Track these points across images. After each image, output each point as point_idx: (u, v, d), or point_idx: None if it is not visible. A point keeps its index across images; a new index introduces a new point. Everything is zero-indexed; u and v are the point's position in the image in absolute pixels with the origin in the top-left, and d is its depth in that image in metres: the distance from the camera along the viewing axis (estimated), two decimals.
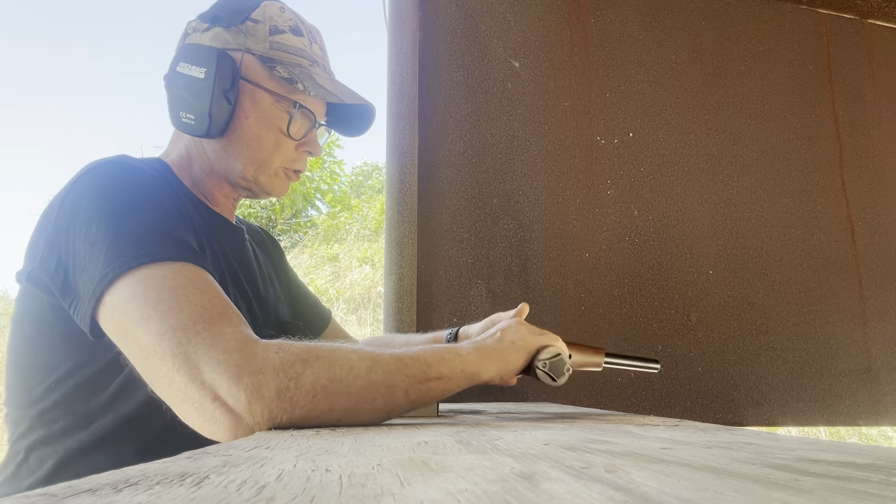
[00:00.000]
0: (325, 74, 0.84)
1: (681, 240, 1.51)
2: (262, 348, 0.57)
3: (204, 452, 0.35)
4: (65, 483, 0.24)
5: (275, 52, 0.81)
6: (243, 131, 0.81)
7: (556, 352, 0.69)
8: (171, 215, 0.67)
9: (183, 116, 0.80)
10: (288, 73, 0.80)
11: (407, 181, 1.32)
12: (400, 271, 1.29)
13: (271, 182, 0.85)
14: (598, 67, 1.54)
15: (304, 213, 9.40)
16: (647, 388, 1.41)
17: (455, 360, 0.65)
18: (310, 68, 0.83)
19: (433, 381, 0.63)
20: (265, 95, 0.81)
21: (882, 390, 1.58)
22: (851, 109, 1.74)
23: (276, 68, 0.80)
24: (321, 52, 0.87)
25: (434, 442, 0.40)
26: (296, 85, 0.79)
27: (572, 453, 0.33)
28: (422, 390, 0.62)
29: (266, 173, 0.84)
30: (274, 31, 0.81)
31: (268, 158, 0.83)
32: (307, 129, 0.85)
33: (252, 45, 0.80)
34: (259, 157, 0.82)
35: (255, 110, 0.81)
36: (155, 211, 0.66)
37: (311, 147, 0.86)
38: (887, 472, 0.25)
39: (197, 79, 0.78)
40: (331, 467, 0.29)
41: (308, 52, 0.84)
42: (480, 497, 0.21)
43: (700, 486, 0.22)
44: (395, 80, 1.37)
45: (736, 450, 0.33)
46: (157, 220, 0.65)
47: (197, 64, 0.79)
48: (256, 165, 0.83)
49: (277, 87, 0.81)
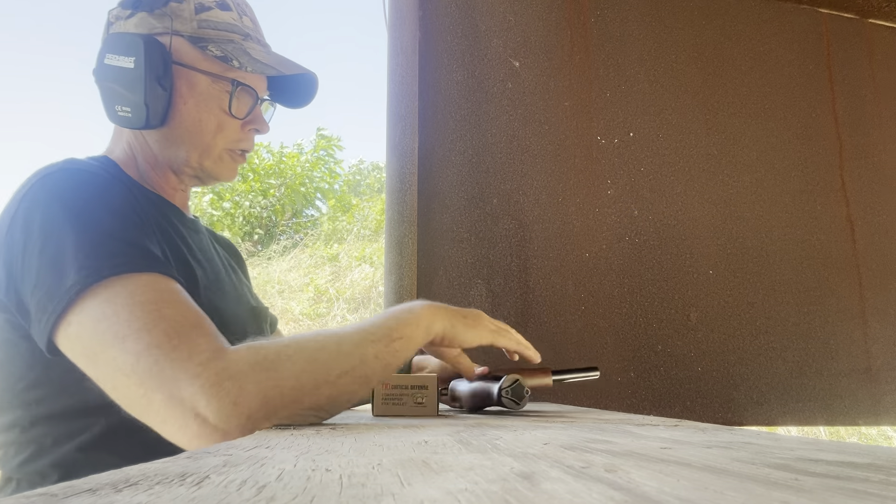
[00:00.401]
0: (259, 48, 0.81)
1: (681, 240, 1.51)
2: (235, 353, 0.57)
3: (204, 452, 0.35)
4: (65, 483, 0.24)
5: (204, 30, 0.77)
6: (183, 117, 0.78)
7: (514, 378, 0.76)
8: (130, 221, 0.65)
9: (119, 110, 0.77)
10: (221, 52, 0.77)
11: (407, 181, 1.32)
12: (400, 271, 1.29)
13: (217, 166, 0.82)
14: (598, 67, 1.54)
15: (305, 212, 9.40)
16: (647, 388, 1.41)
17: (412, 319, 0.68)
18: (243, 43, 0.79)
19: (397, 342, 0.65)
20: (201, 77, 0.77)
21: (882, 390, 1.58)
22: (851, 109, 1.74)
23: (208, 47, 0.77)
24: (252, 25, 0.83)
25: (434, 442, 0.40)
26: (231, 62, 0.76)
27: (572, 453, 0.33)
28: (389, 352, 0.64)
29: (210, 157, 0.81)
30: (200, 9, 0.77)
31: (211, 142, 0.79)
32: (249, 107, 0.81)
33: (179, 27, 0.77)
34: (202, 141, 0.79)
35: (193, 94, 0.77)
36: (112, 219, 0.64)
37: (257, 124, 0.83)
38: (887, 472, 0.25)
39: (127, 69, 0.75)
40: (331, 467, 0.29)
41: (239, 26, 0.80)
42: (480, 497, 0.21)
43: (700, 486, 0.22)
44: (395, 80, 1.37)
45: (736, 449, 0.33)
46: (115, 229, 0.63)
47: (124, 54, 0.75)
48: (200, 151, 0.80)
49: (212, 67, 0.78)
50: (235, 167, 0.85)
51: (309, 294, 6.29)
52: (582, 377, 0.95)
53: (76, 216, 0.62)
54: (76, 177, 0.67)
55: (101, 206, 0.65)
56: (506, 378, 0.75)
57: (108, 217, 0.64)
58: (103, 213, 0.64)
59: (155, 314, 0.58)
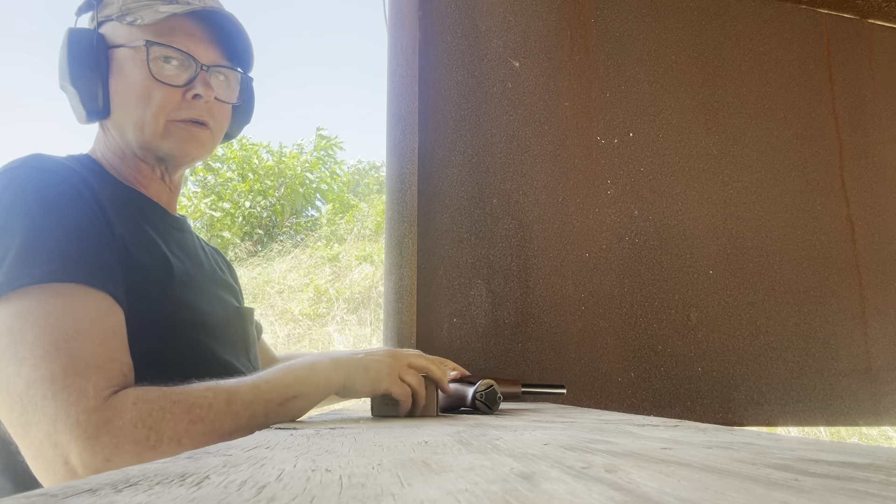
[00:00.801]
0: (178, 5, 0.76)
1: (681, 240, 1.51)
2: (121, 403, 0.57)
3: (204, 452, 0.35)
4: (65, 483, 0.24)
5: (127, 5, 0.77)
6: (119, 97, 0.77)
7: (489, 384, 0.77)
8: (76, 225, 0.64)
9: (75, 109, 0.78)
10: (132, 17, 0.75)
11: (407, 181, 1.32)
12: (400, 271, 1.29)
13: (167, 141, 0.77)
14: (598, 67, 1.54)
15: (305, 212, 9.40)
16: (647, 388, 1.41)
17: (310, 376, 0.66)
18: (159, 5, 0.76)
19: (292, 400, 0.64)
20: (122, 51, 0.76)
21: (882, 390, 1.58)
22: (851, 109, 1.74)
23: (125, 18, 0.76)
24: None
25: (434, 442, 0.40)
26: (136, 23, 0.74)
27: (572, 453, 0.33)
28: (282, 412, 0.63)
29: (155, 133, 0.77)
30: None
31: (146, 115, 0.75)
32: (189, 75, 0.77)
33: (108, 12, 0.77)
34: (139, 116, 0.76)
35: (121, 71, 0.76)
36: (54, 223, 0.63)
37: (198, 89, 0.77)
38: (887, 472, 0.25)
39: (63, 66, 0.76)
40: (331, 467, 0.29)
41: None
42: (480, 497, 0.21)
43: (700, 486, 0.22)
44: (395, 80, 1.37)
45: (736, 450, 0.33)
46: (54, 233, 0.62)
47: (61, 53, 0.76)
48: (141, 127, 0.76)
49: (129, 37, 0.76)
50: (192, 137, 0.79)
51: (309, 294, 6.29)
52: (548, 392, 1.00)
53: (20, 216, 0.62)
54: (31, 175, 0.66)
55: (47, 209, 0.63)
56: (481, 382, 0.77)
57: (50, 220, 0.63)
58: (46, 216, 0.63)
59: (61, 344, 0.57)
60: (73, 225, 0.64)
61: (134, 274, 0.69)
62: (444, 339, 1.30)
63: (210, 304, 0.79)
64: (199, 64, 0.78)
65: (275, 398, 0.63)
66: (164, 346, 0.71)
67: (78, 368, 0.57)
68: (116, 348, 0.62)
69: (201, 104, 0.78)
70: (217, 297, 0.84)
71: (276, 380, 0.64)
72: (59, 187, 0.66)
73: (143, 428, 0.56)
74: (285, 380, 0.65)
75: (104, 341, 0.60)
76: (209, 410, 0.59)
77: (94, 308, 0.61)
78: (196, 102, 0.78)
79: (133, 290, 0.68)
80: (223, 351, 0.78)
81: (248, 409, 0.61)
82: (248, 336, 0.89)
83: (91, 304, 0.61)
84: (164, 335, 0.71)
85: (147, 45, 0.74)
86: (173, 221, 0.85)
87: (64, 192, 0.66)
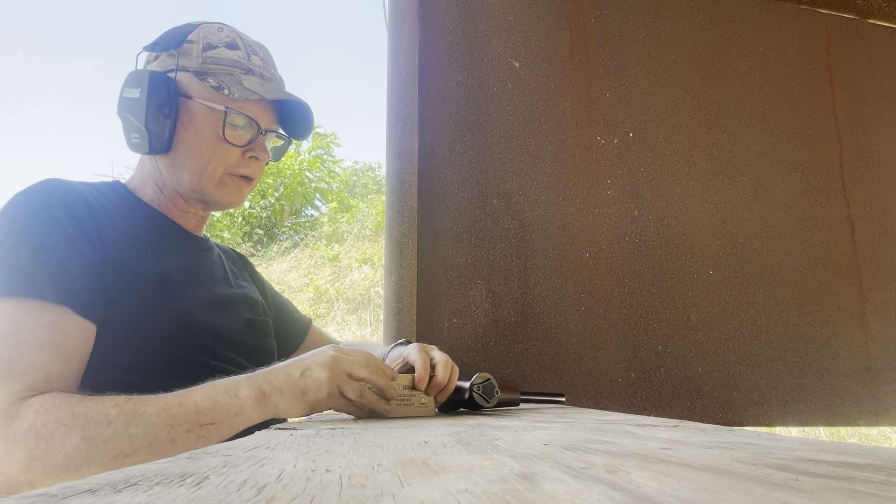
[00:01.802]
0: (258, 80, 0.87)
1: (681, 240, 1.51)
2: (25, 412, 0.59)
3: (204, 453, 0.35)
4: (65, 483, 0.24)
5: (207, 65, 0.85)
6: (184, 143, 0.84)
7: (486, 377, 0.77)
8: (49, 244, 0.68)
9: (132, 137, 0.84)
10: (216, 82, 0.84)
11: (407, 181, 1.32)
12: (400, 271, 1.29)
13: (219, 190, 0.87)
14: (598, 67, 1.54)
15: (304, 212, 9.40)
16: (647, 388, 1.41)
17: (230, 403, 0.64)
18: (242, 77, 0.86)
19: (204, 427, 0.62)
20: (199, 106, 0.84)
21: (882, 390, 1.58)
22: (851, 109, 1.74)
23: (207, 79, 0.84)
24: (262, 63, 0.90)
25: (434, 442, 0.40)
26: (222, 91, 0.83)
27: (572, 453, 0.33)
28: (191, 438, 0.61)
29: (211, 182, 0.86)
30: (207, 48, 0.86)
31: (208, 166, 0.85)
32: (250, 136, 0.87)
33: (186, 63, 0.85)
34: (201, 165, 0.85)
35: (192, 122, 0.84)
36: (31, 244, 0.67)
37: (256, 152, 0.88)
38: (887, 472, 0.25)
39: (135, 99, 0.83)
40: (331, 467, 0.29)
41: (243, 62, 0.87)
42: (480, 497, 0.21)
43: (700, 487, 0.22)
44: (395, 80, 1.37)
45: (736, 450, 0.33)
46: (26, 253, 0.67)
47: (134, 86, 0.83)
48: (200, 174, 0.85)
49: (209, 97, 0.84)
50: (239, 192, 0.89)
51: (309, 294, 6.29)
52: (547, 400, 1.01)
53: (6, 236, 0.68)
54: (29, 199, 0.72)
55: (25, 234, 0.69)
56: (478, 375, 0.77)
57: (24, 244, 0.68)
58: (22, 240, 0.68)
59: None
60: (43, 242, 0.69)
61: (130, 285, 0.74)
62: (444, 339, 1.30)
63: (211, 317, 0.83)
64: (260, 129, 0.87)
65: (182, 423, 0.61)
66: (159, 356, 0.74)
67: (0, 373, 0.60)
68: (49, 358, 0.64)
69: (254, 163, 0.89)
70: (224, 310, 0.88)
71: (190, 403, 0.62)
72: (45, 209, 0.71)
73: (35, 438, 0.58)
74: (201, 405, 0.62)
75: (37, 350, 0.63)
76: (106, 428, 0.59)
77: (37, 318, 0.64)
78: (251, 162, 0.88)
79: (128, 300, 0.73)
80: (223, 363, 0.81)
81: (150, 433, 0.60)
82: (261, 347, 0.92)
83: (36, 315, 0.64)
84: (159, 345, 0.75)
85: (226, 112, 0.84)
86: (193, 242, 0.91)
87: (48, 213, 0.71)
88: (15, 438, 0.58)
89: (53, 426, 0.58)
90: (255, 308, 0.97)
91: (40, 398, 0.60)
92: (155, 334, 0.74)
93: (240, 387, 0.65)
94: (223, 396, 0.64)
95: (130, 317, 0.73)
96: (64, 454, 0.58)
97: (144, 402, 0.62)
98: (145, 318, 0.74)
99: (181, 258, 0.86)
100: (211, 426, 0.62)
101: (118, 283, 0.73)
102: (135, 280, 0.75)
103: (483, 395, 0.76)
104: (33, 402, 0.60)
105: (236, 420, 0.64)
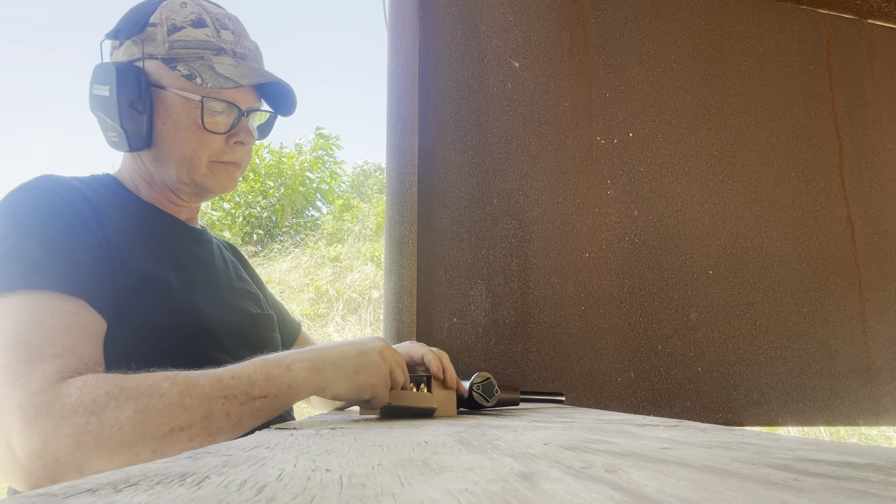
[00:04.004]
0: (231, 60, 0.82)
1: (681, 240, 1.51)
2: (68, 388, 0.56)
3: (204, 452, 0.35)
4: (65, 483, 0.24)
5: (175, 50, 0.80)
6: (164, 137, 0.81)
7: (485, 376, 0.76)
8: (60, 240, 0.66)
9: (110, 136, 0.81)
10: (188, 70, 0.79)
11: (407, 181, 1.32)
12: (400, 271, 1.29)
13: (209, 179, 0.84)
14: (599, 67, 1.54)
15: (305, 213, 9.40)
16: (647, 388, 1.41)
17: (283, 375, 0.63)
18: (213, 58, 0.80)
19: (258, 400, 0.60)
20: (173, 96, 0.80)
21: (882, 390, 1.58)
22: (851, 109, 1.74)
23: (177, 67, 0.79)
24: (233, 37, 0.84)
25: (434, 442, 0.40)
26: (195, 80, 0.78)
27: (572, 453, 0.33)
28: (245, 411, 0.60)
29: (199, 172, 0.83)
30: (172, 30, 0.80)
31: (193, 157, 0.82)
32: (232, 120, 0.83)
33: (152, 50, 0.80)
34: (185, 157, 0.81)
35: (169, 113, 0.80)
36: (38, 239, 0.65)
37: (241, 136, 0.84)
38: (887, 472, 0.25)
39: (105, 97, 0.79)
40: (331, 467, 0.29)
41: (213, 41, 0.81)
42: (480, 497, 0.21)
43: (700, 486, 0.22)
44: (395, 80, 1.37)
45: (736, 450, 0.33)
46: (36, 247, 0.64)
47: (103, 83, 0.79)
48: (186, 166, 0.82)
49: (181, 86, 0.80)
50: (231, 177, 0.86)
51: (309, 294, 6.29)
52: (548, 400, 1.00)
53: (7, 234, 0.65)
54: (28, 196, 0.70)
55: (32, 228, 0.66)
56: (478, 375, 0.76)
57: (33, 238, 0.65)
58: (30, 235, 0.66)
59: (21, 336, 0.58)
60: (53, 237, 0.66)
61: (133, 280, 0.71)
62: (444, 339, 1.30)
63: (218, 311, 0.81)
64: (241, 111, 0.83)
65: (237, 395, 0.60)
66: (168, 352, 0.72)
67: (33, 356, 0.57)
68: (80, 342, 0.61)
69: (240, 148, 0.85)
70: (229, 304, 0.86)
71: (243, 375, 0.61)
72: (49, 205, 0.69)
73: (84, 413, 0.54)
74: (254, 377, 0.61)
75: (66, 334, 0.61)
76: (160, 400, 0.56)
77: (60, 307, 0.62)
78: (237, 147, 0.85)
79: (133, 296, 0.70)
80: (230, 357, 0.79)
81: (205, 405, 0.58)
82: (266, 342, 0.90)
83: (58, 304, 0.62)
84: (167, 342, 0.72)
85: (202, 101, 0.80)
86: (191, 234, 0.89)
87: (53, 208, 0.69)
88: (62, 414, 0.54)
89: (103, 399, 0.55)
90: (258, 303, 0.95)
91: (81, 377, 0.58)
92: (165, 332, 0.72)
93: (292, 360, 0.65)
94: (276, 369, 0.63)
95: (138, 315, 0.71)
96: (117, 428, 0.54)
97: (196, 375, 0.60)
98: (154, 316, 0.72)
99: (184, 252, 0.84)
100: (264, 399, 0.61)
101: (124, 281, 0.71)
102: (140, 278, 0.73)
103: (483, 394, 0.75)
104: (75, 381, 0.57)
105: (289, 393, 0.63)
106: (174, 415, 0.56)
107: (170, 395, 0.57)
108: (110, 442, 0.54)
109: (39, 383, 0.56)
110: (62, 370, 0.58)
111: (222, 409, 0.58)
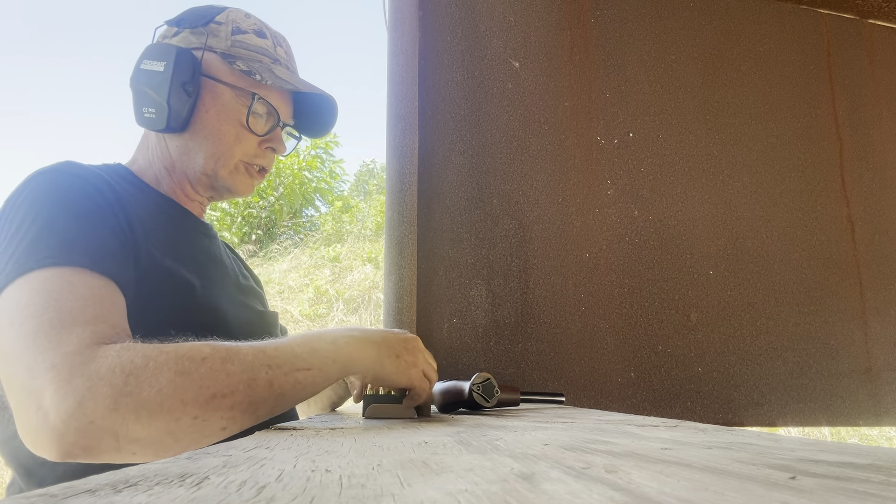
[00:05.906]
0: (286, 71, 0.85)
1: (681, 240, 1.51)
2: (104, 351, 0.54)
3: (204, 453, 0.35)
4: (65, 483, 0.24)
5: (236, 49, 0.82)
6: (203, 125, 0.81)
7: (485, 376, 0.76)
8: (86, 221, 0.65)
9: (145, 112, 0.81)
10: (247, 67, 0.81)
11: (407, 181, 1.32)
12: (400, 271, 1.29)
13: (232, 177, 0.85)
14: (598, 67, 1.54)
15: (304, 212, 9.40)
16: (647, 388, 1.41)
17: (327, 349, 0.61)
18: (270, 65, 0.83)
19: (301, 372, 0.59)
20: (225, 89, 0.81)
21: (882, 390, 1.58)
22: (851, 109, 1.74)
23: (236, 63, 0.81)
24: (286, 55, 0.88)
25: (434, 442, 0.40)
26: (254, 76, 0.80)
27: (572, 453, 0.33)
28: (288, 383, 0.58)
29: (226, 167, 0.83)
30: (236, 31, 0.83)
31: (227, 151, 0.82)
32: (270, 126, 0.85)
33: (213, 44, 0.82)
34: (219, 149, 0.82)
35: (215, 104, 0.81)
36: (66, 219, 0.64)
37: (275, 144, 0.86)
38: (887, 472, 0.25)
39: (157, 72, 0.79)
40: (331, 467, 0.29)
41: (271, 52, 0.85)
42: (480, 497, 0.21)
43: (700, 487, 0.22)
44: (395, 80, 1.37)
45: (736, 450, 0.33)
46: (64, 227, 0.63)
47: (157, 59, 0.80)
48: (216, 159, 0.82)
49: (237, 81, 0.82)
50: (251, 181, 0.88)
51: (309, 295, 6.29)
52: (547, 400, 1.00)
53: (38, 213, 0.64)
54: (55, 178, 0.69)
55: (62, 207, 0.65)
56: (478, 375, 0.76)
57: (64, 216, 0.64)
58: (61, 213, 0.64)
59: (51, 303, 0.56)
60: (83, 216, 0.65)
61: (158, 275, 0.71)
62: (444, 339, 1.30)
63: (233, 308, 0.81)
64: (279, 120, 0.86)
65: (281, 365, 0.57)
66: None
67: (64, 322, 0.55)
68: (111, 312, 0.60)
69: (270, 155, 0.87)
70: (240, 301, 0.86)
71: (287, 348, 0.59)
72: (77, 187, 0.69)
73: (122, 374, 0.52)
74: (297, 350, 0.60)
75: (98, 303, 0.59)
76: (201, 364, 0.54)
77: (91, 281, 0.61)
78: (268, 152, 0.87)
79: (156, 291, 0.70)
80: None
81: (248, 372, 0.55)
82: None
83: (89, 279, 0.61)
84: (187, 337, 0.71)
85: (254, 97, 0.82)
86: (202, 228, 0.89)
87: (81, 190, 0.68)
88: (98, 374, 0.51)
89: (141, 361, 0.53)
90: (262, 300, 0.96)
91: (117, 344, 0.55)
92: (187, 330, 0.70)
93: (336, 336, 0.64)
94: (319, 343, 0.62)
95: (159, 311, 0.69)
96: (157, 389, 0.52)
97: (237, 344, 0.58)
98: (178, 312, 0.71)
99: (200, 249, 0.84)
100: (308, 371, 0.59)
101: (150, 274, 0.70)
102: (164, 273, 0.72)
103: (483, 394, 0.75)
104: (111, 346, 0.55)
105: (333, 367, 0.61)
106: (216, 380, 0.54)
107: (212, 360, 0.55)
108: (149, 405, 0.52)
109: (74, 345, 0.54)
110: (95, 336, 0.56)
111: (266, 378, 0.56)
